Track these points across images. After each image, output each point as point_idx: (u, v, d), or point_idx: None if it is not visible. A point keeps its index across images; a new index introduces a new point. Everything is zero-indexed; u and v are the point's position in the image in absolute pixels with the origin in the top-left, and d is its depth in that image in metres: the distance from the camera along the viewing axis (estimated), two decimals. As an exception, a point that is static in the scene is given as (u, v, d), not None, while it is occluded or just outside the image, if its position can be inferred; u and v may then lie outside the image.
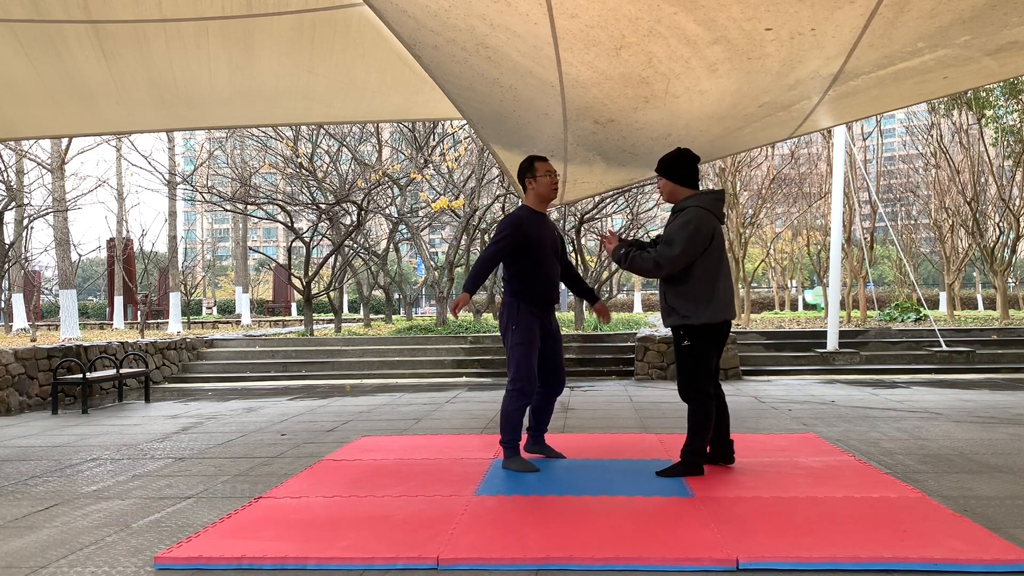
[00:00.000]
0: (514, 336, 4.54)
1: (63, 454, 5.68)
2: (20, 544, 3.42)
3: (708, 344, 4.30)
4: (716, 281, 4.26)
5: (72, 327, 15.07)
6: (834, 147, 13.44)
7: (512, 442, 4.58)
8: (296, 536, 3.35)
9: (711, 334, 4.30)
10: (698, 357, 4.30)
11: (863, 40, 3.70)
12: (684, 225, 4.21)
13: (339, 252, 18.24)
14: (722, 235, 4.38)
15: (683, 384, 4.35)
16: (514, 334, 4.55)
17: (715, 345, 4.35)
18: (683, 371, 4.35)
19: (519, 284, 4.62)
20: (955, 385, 9.25)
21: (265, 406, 8.36)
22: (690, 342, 4.30)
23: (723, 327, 4.34)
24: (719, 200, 4.39)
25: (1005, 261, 17.54)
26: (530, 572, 2.95)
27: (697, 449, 4.34)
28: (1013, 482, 4.22)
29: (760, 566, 2.93)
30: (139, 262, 22.93)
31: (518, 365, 4.50)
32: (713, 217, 4.29)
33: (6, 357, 8.54)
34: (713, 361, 4.38)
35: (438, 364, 12.12)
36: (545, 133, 5.33)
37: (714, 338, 4.32)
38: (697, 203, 4.29)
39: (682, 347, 4.33)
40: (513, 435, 4.56)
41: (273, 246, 62.98)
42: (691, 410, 4.33)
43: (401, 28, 3.70)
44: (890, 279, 35.05)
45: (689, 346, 4.30)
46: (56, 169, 16.06)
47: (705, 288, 4.23)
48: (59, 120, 6.45)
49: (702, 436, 4.33)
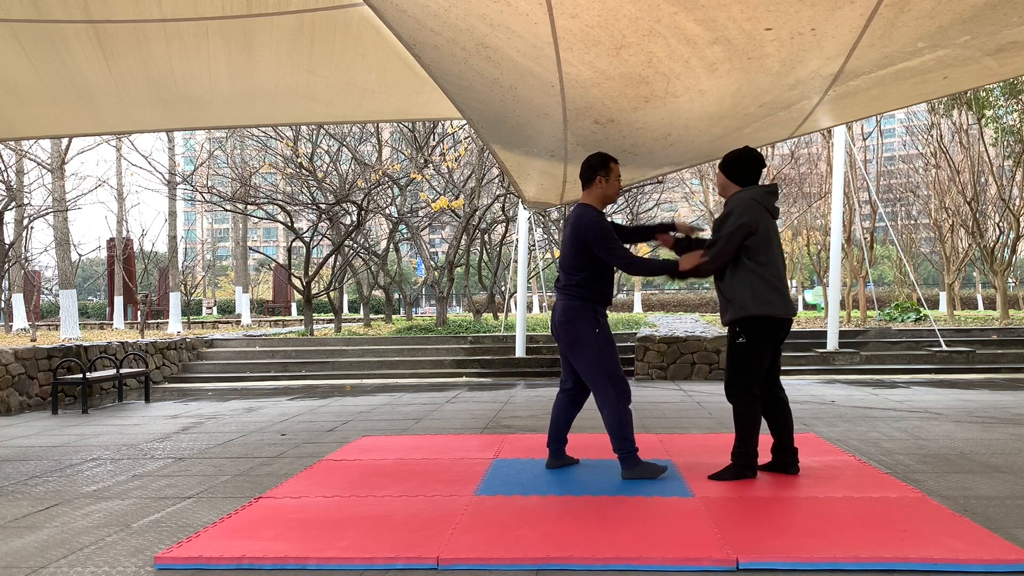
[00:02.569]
0: (598, 341, 4.28)
1: (63, 454, 5.67)
2: (20, 544, 3.42)
3: (763, 342, 4.14)
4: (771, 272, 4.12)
5: (72, 327, 15.07)
6: (834, 147, 13.44)
7: (634, 451, 4.32)
8: (296, 536, 3.35)
9: (768, 331, 4.13)
10: (750, 355, 4.15)
11: (863, 40, 3.70)
12: (724, 218, 4.18)
13: (339, 252, 18.24)
14: (774, 228, 4.22)
15: (729, 382, 4.23)
16: (597, 339, 4.29)
17: (770, 344, 4.18)
18: (731, 369, 4.22)
19: (594, 288, 4.35)
20: (955, 385, 9.25)
21: (265, 406, 8.36)
22: (745, 339, 4.16)
23: (783, 325, 4.17)
24: (769, 192, 4.26)
25: (1005, 261, 17.54)
26: (530, 572, 2.95)
27: (746, 451, 4.21)
28: (1013, 482, 4.22)
29: (760, 566, 2.93)
30: (139, 262, 22.93)
31: (612, 370, 4.28)
32: (759, 206, 4.16)
33: (6, 357, 8.54)
34: (766, 362, 4.20)
35: (438, 364, 12.12)
36: (545, 133, 5.33)
37: (771, 337, 4.15)
38: (743, 195, 4.22)
39: (736, 344, 4.19)
40: (632, 443, 4.31)
41: (273, 246, 62.96)
42: (735, 412, 4.22)
43: (401, 28, 3.70)
44: (890, 279, 35.05)
45: (743, 343, 4.16)
46: (56, 169, 16.05)
47: (759, 279, 4.10)
48: (59, 120, 6.45)
49: (749, 437, 4.20)
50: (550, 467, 4.67)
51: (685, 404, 7.94)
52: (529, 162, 6.43)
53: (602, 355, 4.29)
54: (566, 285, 4.39)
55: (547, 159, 6.19)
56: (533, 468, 4.67)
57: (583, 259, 4.33)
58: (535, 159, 6.26)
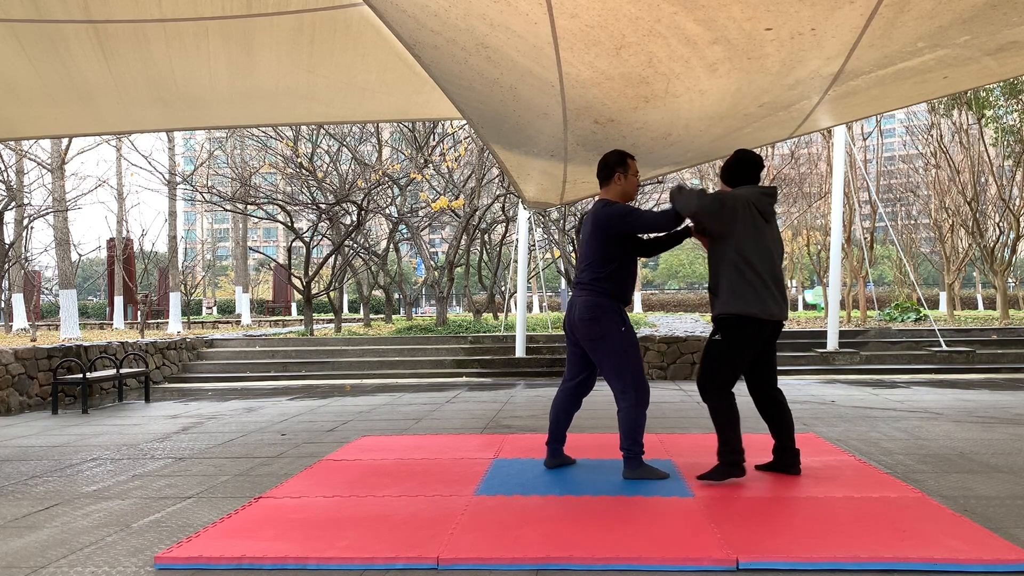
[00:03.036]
0: (623, 340, 4.25)
1: (63, 454, 5.67)
2: (20, 544, 3.42)
3: (742, 342, 4.06)
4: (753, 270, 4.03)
5: (72, 327, 15.06)
6: (834, 147, 13.44)
7: (640, 453, 4.31)
8: (296, 536, 3.35)
9: (749, 332, 4.05)
10: (725, 354, 4.09)
11: (863, 40, 3.70)
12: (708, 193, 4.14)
13: (339, 252, 18.23)
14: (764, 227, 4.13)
15: (702, 380, 4.18)
16: (622, 337, 4.25)
17: (751, 345, 4.10)
18: (703, 365, 4.17)
19: (616, 283, 4.31)
20: (955, 385, 9.25)
21: (265, 406, 8.36)
22: (720, 337, 4.10)
23: (765, 326, 4.07)
24: (764, 193, 4.20)
25: (1005, 261, 17.54)
26: (530, 572, 2.95)
27: (731, 448, 4.13)
28: (1013, 482, 4.22)
29: (760, 566, 2.93)
30: (139, 262, 22.91)
31: (636, 371, 4.25)
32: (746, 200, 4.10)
33: (6, 357, 8.54)
34: (743, 363, 4.14)
35: (438, 364, 12.12)
36: (545, 133, 5.33)
37: (752, 338, 4.07)
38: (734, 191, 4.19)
39: (713, 340, 4.15)
40: (640, 445, 4.30)
41: (273, 246, 62.93)
42: (710, 410, 4.19)
43: (401, 28, 3.69)
44: (890, 279, 35.05)
45: (719, 341, 4.10)
46: (56, 169, 16.05)
47: (739, 276, 4.03)
48: (59, 120, 6.45)
49: (731, 433, 4.12)
50: (549, 467, 4.68)
51: (685, 404, 7.94)
52: (529, 162, 6.43)
53: (627, 355, 4.26)
54: (591, 280, 4.32)
55: (547, 159, 6.18)
56: (533, 468, 4.67)
57: (606, 251, 4.29)
58: (535, 159, 6.26)
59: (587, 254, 4.38)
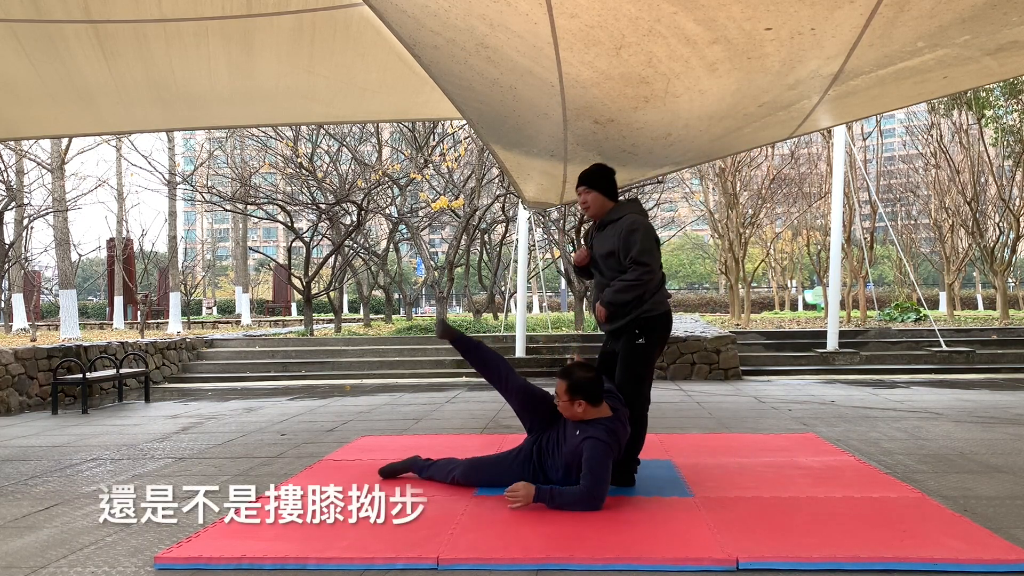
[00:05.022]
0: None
1: (63, 454, 5.67)
2: (20, 544, 3.42)
3: (658, 342, 4.35)
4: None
5: (72, 327, 15.07)
6: (834, 147, 13.44)
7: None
8: (296, 536, 3.34)
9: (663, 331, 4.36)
10: (650, 356, 4.34)
11: (863, 40, 3.70)
12: (635, 230, 4.17)
13: (339, 252, 18.24)
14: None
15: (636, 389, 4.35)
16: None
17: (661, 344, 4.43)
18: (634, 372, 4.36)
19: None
20: (955, 385, 9.25)
21: (265, 406, 8.36)
22: (645, 339, 4.32)
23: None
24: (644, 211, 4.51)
25: (1005, 261, 17.54)
26: (530, 572, 2.95)
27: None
28: (1013, 482, 4.22)
29: (760, 566, 2.93)
30: (139, 262, 22.92)
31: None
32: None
33: (6, 357, 8.54)
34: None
35: (438, 364, 12.12)
36: (545, 133, 5.33)
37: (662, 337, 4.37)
38: (632, 210, 4.38)
39: (635, 344, 4.34)
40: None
41: (273, 246, 62.91)
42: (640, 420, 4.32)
43: (401, 28, 3.69)
44: (890, 279, 35.05)
45: (643, 344, 4.32)
46: (56, 169, 16.06)
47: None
48: (59, 120, 6.45)
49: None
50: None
51: (685, 404, 7.94)
52: (529, 162, 6.42)
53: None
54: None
55: (547, 159, 6.18)
56: (533, 468, 4.66)
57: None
58: (535, 159, 6.26)
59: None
